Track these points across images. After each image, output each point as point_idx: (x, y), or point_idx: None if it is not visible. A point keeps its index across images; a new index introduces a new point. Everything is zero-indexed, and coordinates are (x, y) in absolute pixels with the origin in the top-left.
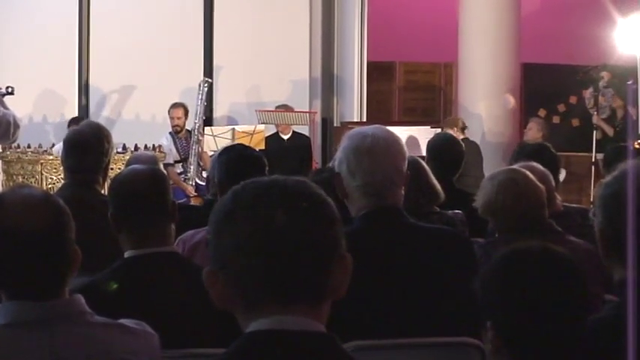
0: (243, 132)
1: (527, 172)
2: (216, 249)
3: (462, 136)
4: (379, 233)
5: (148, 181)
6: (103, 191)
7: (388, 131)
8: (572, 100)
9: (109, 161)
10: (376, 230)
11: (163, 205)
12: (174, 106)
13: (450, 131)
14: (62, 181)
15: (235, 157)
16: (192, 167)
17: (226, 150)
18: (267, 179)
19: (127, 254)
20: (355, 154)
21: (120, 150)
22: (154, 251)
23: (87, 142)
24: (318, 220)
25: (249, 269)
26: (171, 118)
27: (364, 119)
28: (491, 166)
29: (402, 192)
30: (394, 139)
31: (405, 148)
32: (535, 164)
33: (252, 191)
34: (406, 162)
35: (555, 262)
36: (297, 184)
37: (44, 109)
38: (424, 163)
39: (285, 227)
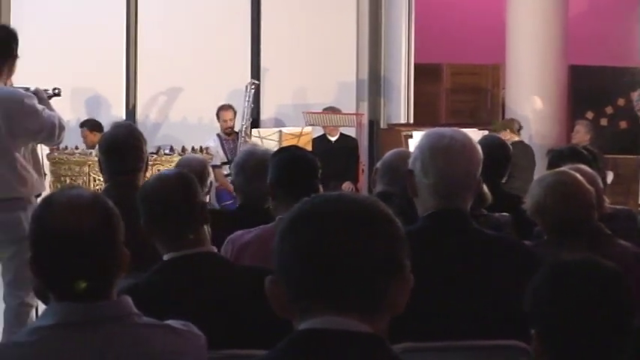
0: (290, 134)
1: (577, 175)
2: (279, 255)
3: (516, 138)
4: (442, 235)
5: (174, 186)
6: None
7: (466, 135)
8: (620, 102)
9: (147, 159)
10: (439, 231)
11: (192, 208)
12: (225, 108)
13: (504, 133)
14: None
15: (288, 158)
16: None
17: (280, 151)
18: (338, 193)
19: (165, 257)
20: (431, 152)
21: (167, 152)
22: (193, 252)
23: (126, 144)
24: (380, 235)
25: (305, 276)
26: (223, 121)
27: (411, 121)
28: (538, 167)
29: (472, 197)
30: (471, 144)
31: (481, 154)
32: (583, 166)
33: (319, 201)
34: (480, 169)
35: (602, 275)
36: (366, 199)
37: (92, 111)
38: None
39: (343, 237)
